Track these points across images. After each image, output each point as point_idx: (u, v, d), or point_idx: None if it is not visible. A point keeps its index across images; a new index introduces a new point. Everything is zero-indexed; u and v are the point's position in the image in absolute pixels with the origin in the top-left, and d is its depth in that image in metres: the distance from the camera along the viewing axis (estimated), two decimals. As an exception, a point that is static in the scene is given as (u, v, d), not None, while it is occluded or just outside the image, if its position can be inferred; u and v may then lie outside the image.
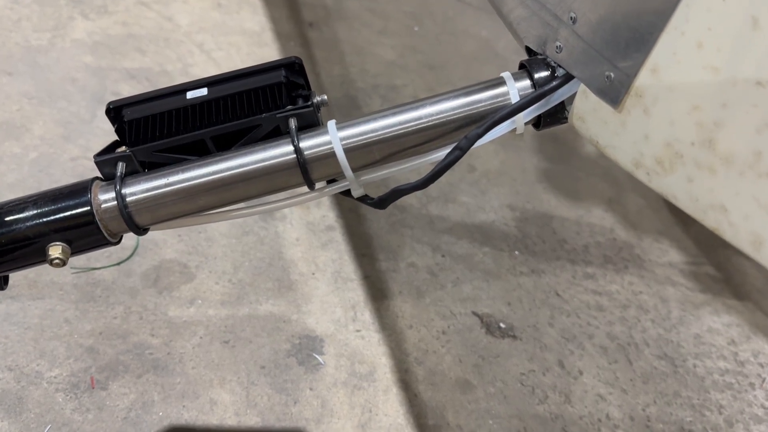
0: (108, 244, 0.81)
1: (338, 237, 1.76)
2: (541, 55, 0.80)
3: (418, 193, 1.97)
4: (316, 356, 1.45)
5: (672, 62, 0.61)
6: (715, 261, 2.05)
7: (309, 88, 0.87)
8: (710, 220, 0.63)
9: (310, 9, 2.69)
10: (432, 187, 1.99)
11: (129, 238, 1.57)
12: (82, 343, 1.36)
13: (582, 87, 0.73)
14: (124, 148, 0.83)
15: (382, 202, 0.83)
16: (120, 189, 0.78)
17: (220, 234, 1.65)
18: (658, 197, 2.24)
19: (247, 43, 2.32)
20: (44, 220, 0.77)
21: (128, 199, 0.78)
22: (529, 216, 2.03)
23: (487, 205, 2.02)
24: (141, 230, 0.81)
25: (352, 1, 2.84)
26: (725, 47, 0.56)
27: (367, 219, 1.84)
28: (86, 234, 0.79)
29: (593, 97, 0.72)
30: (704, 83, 0.59)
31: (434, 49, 2.70)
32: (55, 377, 1.28)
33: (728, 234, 0.62)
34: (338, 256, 1.70)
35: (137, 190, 0.79)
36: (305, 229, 1.74)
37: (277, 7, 2.59)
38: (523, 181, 2.14)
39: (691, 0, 0.57)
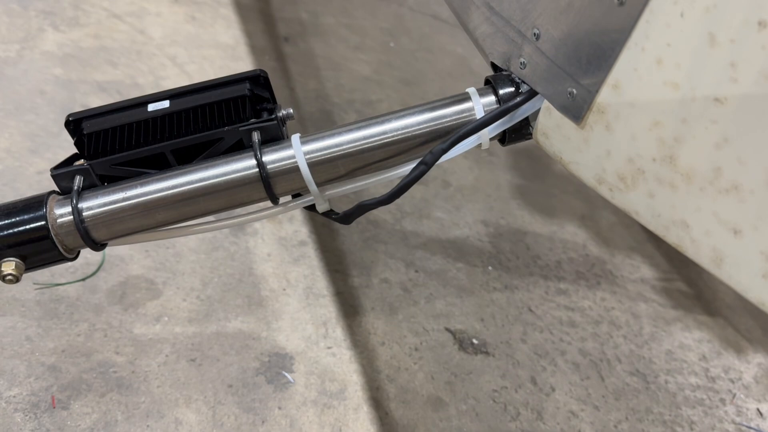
0: (64, 259, 0.79)
1: (311, 252, 1.74)
2: (505, 71, 0.79)
3: (392, 208, 1.97)
4: (286, 374, 1.43)
5: (633, 78, 0.61)
6: (686, 277, 2.06)
7: (274, 102, 0.86)
8: (672, 236, 0.63)
9: (285, 24, 2.69)
10: (406, 203, 1.99)
11: (95, 254, 1.54)
12: (43, 361, 1.32)
13: (546, 103, 0.73)
14: (82, 161, 0.81)
15: (347, 217, 0.82)
16: (76, 203, 0.76)
17: (189, 249, 1.62)
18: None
19: (221, 56, 2.31)
20: (-3, 235, 0.74)
21: (85, 213, 0.76)
22: (503, 232, 2.03)
23: (462, 221, 2.01)
24: (98, 245, 0.79)
25: (329, 17, 2.84)
26: (684, 64, 0.56)
27: (340, 234, 1.83)
28: (41, 250, 0.77)
29: (556, 114, 0.72)
30: (664, 99, 0.59)
31: (410, 65, 2.71)
32: (14, 396, 1.24)
33: (690, 250, 0.62)
34: (310, 271, 1.69)
35: (94, 204, 0.77)
36: (277, 245, 1.72)
37: (252, 21, 2.59)
38: (498, 197, 2.15)
39: (650, 16, 0.57)
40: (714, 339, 1.88)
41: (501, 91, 0.78)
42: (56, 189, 0.80)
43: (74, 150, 0.84)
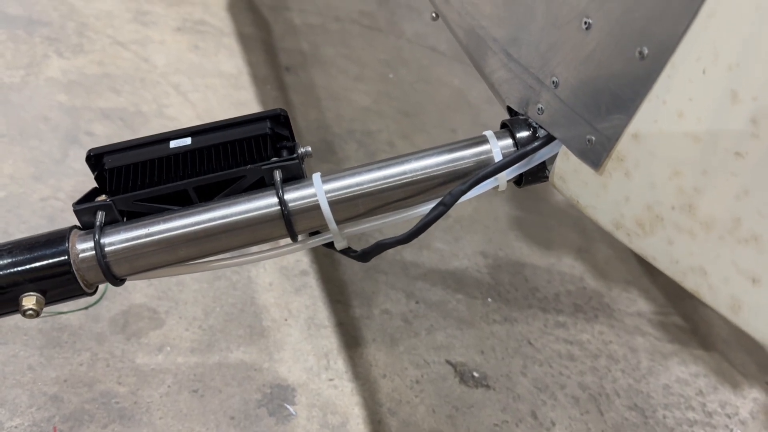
0: (83, 294, 0.79)
1: (312, 282, 1.74)
2: (522, 115, 0.81)
3: (392, 239, 1.98)
4: (288, 406, 1.42)
5: (653, 129, 0.63)
6: (682, 311, 2.08)
7: (293, 140, 0.88)
8: (690, 282, 0.65)
9: (287, 54, 2.72)
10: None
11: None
12: (45, 391, 1.31)
13: (563, 148, 0.75)
14: (104, 196, 0.82)
15: (365, 255, 0.83)
16: (99, 239, 0.77)
17: (192, 279, 1.62)
18: (626, 248, 2.28)
19: (224, 85, 2.33)
20: (19, 269, 0.74)
21: (107, 249, 0.77)
22: (501, 263, 2.05)
23: (461, 252, 2.03)
24: (118, 281, 0.80)
25: (329, 48, 2.88)
26: (705, 118, 0.58)
27: (341, 265, 1.83)
28: (62, 284, 0.77)
29: (574, 159, 0.73)
30: (685, 151, 0.61)
31: (409, 96, 2.74)
32: (15, 427, 1.23)
33: (708, 297, 0.64)
34: (312, 302, 1.69)
35: (116, 240, 0.77)
36: (278, 274, 1.73)
37: (254, 51, 2.62)
38: (496, 229, 2.17)
39: (672, 71, 0.60)
40: (710, 373, 1.89)
41: (518, 135, 0.80)
42: (77, 224, 0.81)
43: (77, 177, 0.85)
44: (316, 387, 1.49)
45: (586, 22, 0.67)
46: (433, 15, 1.27)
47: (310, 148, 0.86)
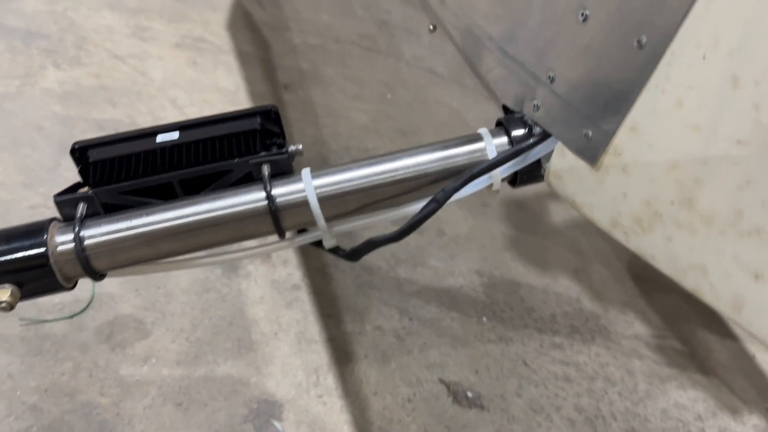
0: (61, 288, 0.76)
1: (304, 296, 1.71)
2: (518, 113, 0.80)
3: (387, 254, 1.95)
4: (275, 423, 1.38)
5: (652, 120, 0.61)
6: (679, 335, 2.04)
7: (284, 137, 0.86)
8: (689, 281, 0.62)
9: (285, 72, 2.72)
10: (401, 250, 1.98)
11: (84, 291, 1.50)
12: (25, 400, 1.27)
13: (559, 145, 0.73)
14: (86, 188, 0.79)
15: (355, 254, 0.81)
16: (79, 231, 0.74)
17: (180, 290, 1.59)
18: (623, 269, 2.26)
19: (221, 101, 2.32)
20: (-6, 259, 0.72)
21: (87, 242, 0.74)
22: (497, 282, 2.02)
23: (456, 270, 2.00)
24: (98, 275, 0.77)
25: (328, 67, 2.89)
26: (706, 105, 0.56)
27: (334, 279, 1.80)
28: (39, 276, 0.74)
29: (570, 156, 0.71)
30: (685, 141, 0.59)
31: (406, 115, 2.74)
32: (-10, 437, 1.19)
33: (708, 296, 0.61)
34: (303, 316, 1.65)
35: (97, 232, 0.75)
36: (270, 287, 1.69)
37: (253, 68, 2.62)
38: (492, 248, 2.14)
39: (671, 59, 0.58)
40: (709, 398, 1.85)
41: (513, 133, 0.78)
42: (58, 216, 0.78)
43: (69, 183, 0.83)
44: (305, 403, 1.45)
45: (583, 14, 0.66)
46: (431, 27, 1.27)
47: (300, 146, 0.84)
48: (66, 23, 2.41)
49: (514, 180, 0.80)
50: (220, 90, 2.38)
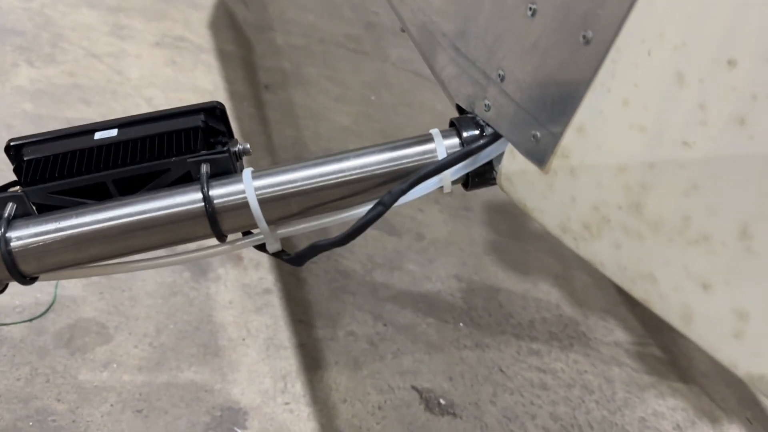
0: (-13, 292, 0.73)
1: (275, 301, 1.67)
2: (470, 113, 0.76)
3: (363, 258, 1.92)
4: (238, 431, 1.34)
5: (598, 121, 0.58)
6: (660, 343, 2.01)
7: (231, 136, 0.82)
8: (639, 290, 0.59)
9: (267, 72, 2.69)
10: (378, 253, 1.94)
11: (45, 294, 1.46)
12: (-25, 407, 1.23)
13: (509, 147, 0.70)
14: (17, 187, 0.76)
15: (299, 258, 0.77)
16: (5, 232, 0.70)
17: (146, 293, 1.55)
18: (604, 275, 2.22)
19: (198, 100, 2.27)
20: None
21: (13, 243, 0.70)
22: (475, 288, 1.98)
23: (434, 275, 1.96)
24: (27, 279, 0.73)
25: (311, 68, 2.85)
26: (651, 105, 0.53)
27: (307, 283, 1.77)
28: (-39, 280, 0.70)
29: (521, 158, 0.68)
30: (631, 143, 0.55)
31: (390, 118, 2.71)
32: (-64, 445, 1.14)
33: (658, 306, 0.58)
34: (273, 321, 1.61)
35: (24, 234, 0.71)
36: (240, 291, 1.66)
37: (233, 68, 2.58)
38: (471, 252, 2.10)
39: (617, 55, 0.55)
40: (688, 407, 1.82)
41: (465, 134, 0.75)
42: (-14, 217, 0.74)
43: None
44: (271, 411, 1.41)
45: (531, 8, 0.63)
46: (401, 28, 1.23)
47: (248, 145, 0.81)
48: (42, 20, 2.37)
49: (467, 182, 0.77)
50: (197, 89, 2.35)
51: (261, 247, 0.78)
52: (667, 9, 0.50)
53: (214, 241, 0.75)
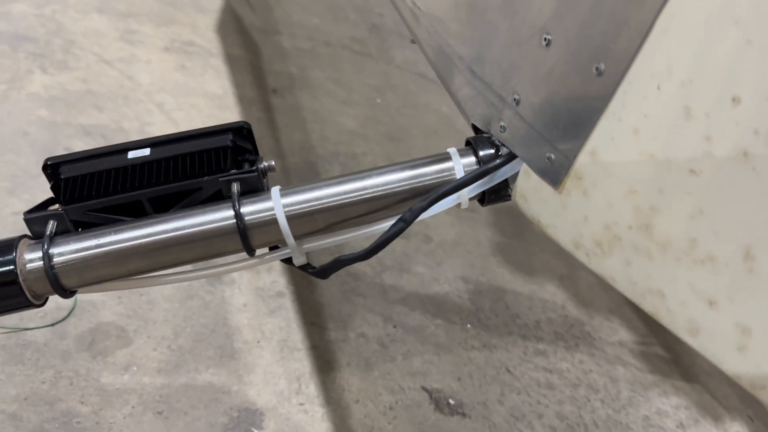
0: (30, 306, 0.77)
1: (287, 304, 1.71)
2: (486, 133, 0.80)
3: (373, 261, 1.96)
4: (255, 431, 1.39)
5: (610, 147, 0.62)
6: (664, 342, 2.06)
7: (257, 153, 0.86)
8: (648, 304, 0.63)
9: (274, 76, 2.72)
10: (387, 256, 1.98)
11: (66, 299, 1.50)
12: (4, 409, 1.27)
13: (524, 166, 0.74)
14: (57, 206, 0.80)
15: (324, 272, 0.81)
16: (47, 249, 0.74)
17: (163, 297, 1.59)
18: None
19: (208, 105, 2.32)
20: (-38, 278, 0.72)
21: (55, 259, 0.74)
22: (482, 289, 2.02)
23: (442, 277, 2.01)
24: (67, 293, 0.77)
25: (318, 72, 2.89)
26: (660, 135, 0.57)
27: (318, 286, 1.81)
28: (8, 294, 0.74)
29: (535, 177, 0.72)
30: (641, 168, 0.59)
31: (395, 120, 2.74)
32: (-32, 447, 1.19)
33: (666, 319, 0.62)
34: (286, 323, 1.66)
35: (66, 250, 0.75)
36: (253, 295, 1.70)
37: (241, 72, 2.62)
38: (478, 254, 2.15)
39: (628, 87, 0.59)
40: (691, 406, 1.86)
41: (481, 153, 0.79)
42: (28, 233, 0.79)
43: (51, 193, 0.83)
44: (286, 411, 1.45)
45: (545, 39, 0.67)
46: (412, 39, 1.27)
47: (273, 163, 0.85)
48: (54, 27, 2.40)
49: (483, 199, 0.81)
50: (207, 94, 2.38)
51: (288, 261, 0.82)
52: (676, 47, 0.54)
53: (243, 254, 0.79)
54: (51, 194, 0.82)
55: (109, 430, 1.30)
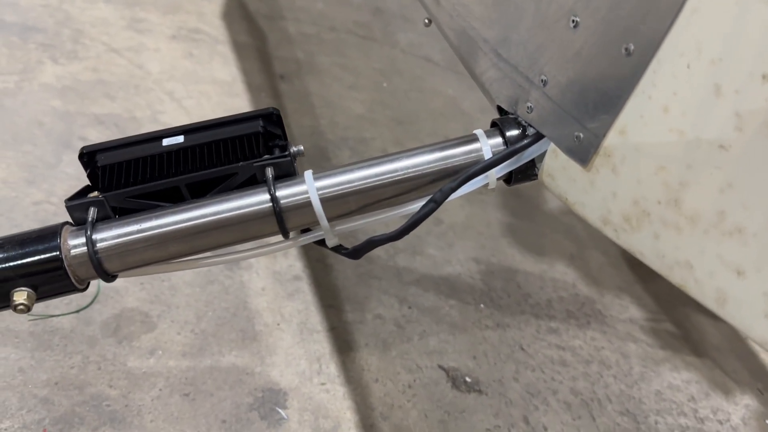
0: (75, 290, 0.79)
1: (305, 287, 1.74)
2: (512, 114, 0.82)
3: (386, 245, 1.98)
4: (279, 410, 1.42)
5: (639, 125, 0.64)
6: (674, 318, 2.09)
7: (285, 139, 0.89)
8: (676, 276, 0.66)
9: (281, 62, 2.74)
10: (400, 240, 2.00)
11: (90, 286, 1.53)
12: (36, 393, 1.30)
13: (552, 146, 0.76)
14: (96, 193, 0.82)
15: (356, 252, 0.84)
16: (91, 234, 0.77)
17: (184, 283, 1.62)
18: (619, 254, 2.29)
19: (218, 92, 2.34)
20: (11, 264, 0.75)
21: (99, 245, 0.77)
22: (494, 270, 2.05)
23: (454, 258, 2.03)
24: (110, 277, 0.80)
25: (324, 57, 2.90)
26: (690, 112, 0.59)
27: (334, 269, 1.84)
28: (54, 279, 0.77)
29: (563, 156, 0.74)
30: (670, 145, 0.62)
31: (402, 104, 2.76)
32: (5, 429, 1.22)
33: (694, 290, 0.64)
34: (304, 306, 1.69)
35: (108, 236, 0.77)
36: (271, 279, 1.73)
37: (248, 59, 2.63)
38: (489, 235, 2.17)
39: (657, 66, 0.61)
40: (702, 380, 1.90)
41: (508, 133, 0.81)
42: (69, 220, 0.81)
43: (70, 182, 0.85)
44: (308, 391, 1.49)
45: (573, 21, 0.69)
46: (426, 21, 1.29)
47: (302, 147, 0.87)
48: (62, 17, 2.41)
49: (509, 179, 0.83)
50: (216, 81, 2.40)
51: (321, 242, 0.84)
52: (705, 27, 0.56)
53: (278, 237, 0.82)
54: (70, 184, 0.84)
55: (138, 412, 1.34)
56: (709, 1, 0.56)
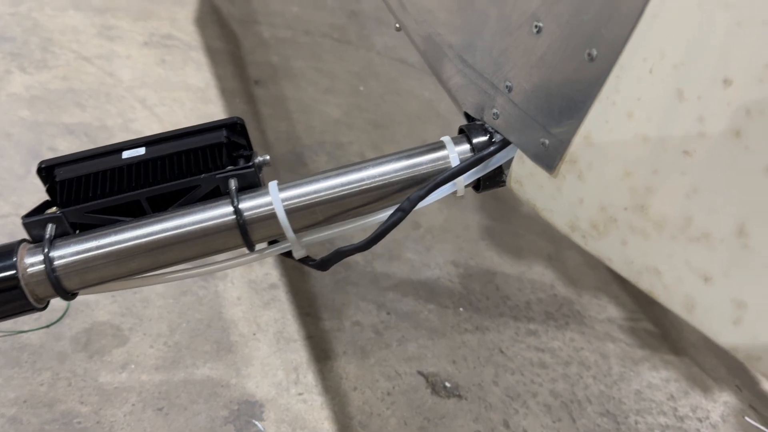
0: (33, 309, 0.77)
1: (281, 295, 1.72)
2: (479, 120, 0.81)
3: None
4: (256, 423, 1.40)
5: (604, 130, 0.63)
6: (652, 317, 2.10)
7: (251, 149, 0.87)
8: (644, 282, 0.65)
9: (256, 67, 2.71)
10: (377, 245, 1.99)
11: (60, 300, 1.50)
12: (3, 412, 1.27)
13: (519, 152, 0.75)
14: (54, 209, 0.80)
15: (324, 264, 0.82)
16: (48, 252, 0.75)
17: (157, 294, 1.59)
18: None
19: (191, 99, 2.31)
20: (-36, 285, 0.72)
21: (56, 262, 0.75)
22: (472, 272, 2.04)
23: (432, 262, 2.02)
24: (69, 295, 0.78)
25: (299, 61, 2.88)
26: (654, 117, 0.58)
27: (311, 277, 1.82)
28: (11, 299, 0.75)
29: (530, 162, 0.73)
30: (635, 151, 0.61)
31: (379, 108, 2.74)
32: (-30, 452, 1.19)
33: (662, 296, 0.64)
34: (281, 315, 1.67)
35: (66, 253, 0.75)
36: (247, 288, 1.70)
37: (222, 64, 2.60)
38: (467, 238, 2.17)
39: (620, 72, 0.60)
40: (681, 378, 1.90)
41: (475, 140, 0.80)
42: (27, 237, 0.79)
43: (40, 194, 0.83)
44: (285, 402, 1.47)
45: (536, 26, 0.68)
46: (396, 26, 1.27)
47: (268, 157, 0.85)
48: (30, 25, 2.37)
49: (478, 186, 0.82)
50: (189, 88, 2.37)
51: (288, 254, 0.82)
52: (667, 32, 0.55)
53: (244, 250, 0.80)
54: (39, 196, 0.82)
55: (110, 429, 1.31)
56: (669, 6, 0.55)
